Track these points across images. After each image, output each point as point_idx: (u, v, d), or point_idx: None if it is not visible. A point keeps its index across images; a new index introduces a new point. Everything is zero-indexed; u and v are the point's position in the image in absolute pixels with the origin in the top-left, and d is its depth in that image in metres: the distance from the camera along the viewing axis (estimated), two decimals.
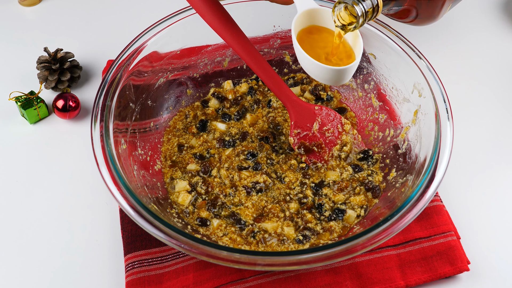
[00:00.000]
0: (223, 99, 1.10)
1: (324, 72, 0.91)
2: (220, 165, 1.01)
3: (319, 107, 1.03)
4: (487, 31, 1.28)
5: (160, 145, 1.04)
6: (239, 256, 0.80)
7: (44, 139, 1.10)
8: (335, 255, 0.80)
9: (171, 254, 0.93)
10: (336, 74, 0.91)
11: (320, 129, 1.02)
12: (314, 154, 1.02)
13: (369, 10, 0.88)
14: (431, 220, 0.96)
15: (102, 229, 0.98)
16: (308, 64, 0.92)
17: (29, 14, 1.32)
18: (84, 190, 1.03)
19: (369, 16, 0.89)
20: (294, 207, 0.96)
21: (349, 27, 0.90)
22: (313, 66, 0.92)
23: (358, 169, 1.00)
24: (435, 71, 0.98)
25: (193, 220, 0.94)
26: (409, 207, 0.84)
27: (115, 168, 0.88)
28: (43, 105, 1.10)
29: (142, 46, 1.02)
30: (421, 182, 0.87)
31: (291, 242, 0.92)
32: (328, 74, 0.91)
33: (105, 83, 0.97)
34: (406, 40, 1.02)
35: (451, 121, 0.93)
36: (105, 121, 0.93)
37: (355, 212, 0.95)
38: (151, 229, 0.82)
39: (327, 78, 0.92)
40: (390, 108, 1.05)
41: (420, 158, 0.92)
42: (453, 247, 0.93)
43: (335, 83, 0.93)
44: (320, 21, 0.96)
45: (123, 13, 1.32)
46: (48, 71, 1.14)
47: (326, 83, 0.94)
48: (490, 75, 1.20)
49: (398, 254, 0.93)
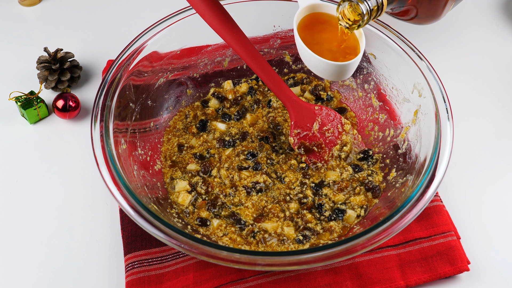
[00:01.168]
0: (223, 99, 1.10)
1: (326, 67, 0.91)
2: (220, 165, 1.01)
3: (319, 107, 1.03)
4: (487, 31, 1.28)
5: (160, 145, 1.04)
6: (239, 256, 0.80)
7: (44, 139, 1.09)
8: (335, 255, 0.80)
9: (171, 254, 0.93)
10: (338, 69, 0.91)
11: (320, 129, 1.02)
12: (314, 154, 1.02)
13: (373, 8, 0.88)
14: (431, 220, 0.96)
15: (102, 229, 0.98)
16: (309, 59, 0.92)
17: (29, 14, 1.31)
18: (84, 190, 1.03)
19: (374, 14, 0.88)
20: (294, 207, 0.96)
21: (353, 25, 0.90)
22: (315, 61, 0.91)
23: (358, 169, 1.00)
24: (435, 71, 0.98)
25: (193, 220, 0.94)
26: (409, 207, 0.84)
27: (115, 168, 0.88)
28: (43, 105, 1.10)
29: (142, 46, 1.01)
30: (421, 182, 0.87)
31: (291, 242, 0.92)
32: (330, 69, 0.91)
33: (105, 83, 0.97)
34: (406, 40, 1.01)
35: (451, 121, 0.93)
36: (105, 121, 0.93)
37: (355, 212, 0.95)
38: (151, 229, 0.82)
39: (329, 73, 0.92)
40: (390, 108, 1.04)
41: (420, 158, 0.92)
42: (453, 247, 0.93)
43: (337, 78, 0.93)
44: (322, 14, 0.95)
45: (123, 13, 1.32)
46: (48, 71, 1.13)
47: (328, 78, 0.93)
48: (490, 75, 1.20)
49: (398, 254, 0.93)
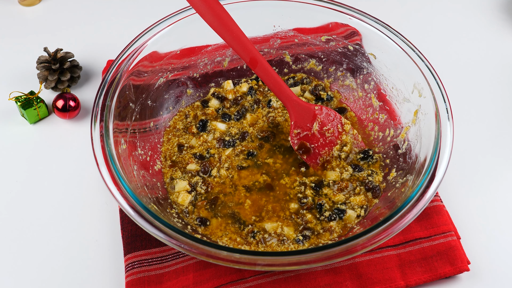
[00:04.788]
0: (223, 99, 1.10)
1: None
2: (220, 165, 1.01)
3: (319, 107, 1.03)
4: (488, 31, 1.28)
5: (160, 145, 1.04)
6: (239, 256, 0.80)
7: (44, 139, 1.10)
8: (335, 255, 0.80)
9: (171, 254, 0.93)
10: None
11: (320, 129, 1.02)
12: (314, 154, 1.01)
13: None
14: (431, 220, 0.96)
15: (102, 229, 0.98)
16: None
17: (29, 14, 1.31)
18: (84, 190, 1.03)
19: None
20: (294, 207, 0.95)
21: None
22: None
23: (358, 169, 1.00)
24: (435, 71, 0.98)
25: (192, 220, 0.94)
26: (409, 207, 0.84)
27: (115, 168, 0.88)
28: (43, 105, 1.10)
29: (142, 46, 1.01)
30: (421, 182, 0.87)
31: (291, 242, 0.92)
32: None
33: (105, 83, 0.97)
34: (406, 40, 1.01)
35: (451, 121, 0.93)
36: (105, 121, 0.92)
37: (355, 212, 0.95)
38: (151, 229, 0.82)
39: None
40: (390, 108, 1.05)
41: (420, 158, 0.92)
42: (453, 247, 0.93)
43: None
44: None
45: (123, 13, 1.32)
46: (48, 71, 1.14)
47: None
48: (490, 74, 1.20)
49: (398, 254, 0.93)
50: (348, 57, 1.09)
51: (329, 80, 1.13)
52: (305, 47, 1.12)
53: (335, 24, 1.07)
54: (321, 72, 1.13)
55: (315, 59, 1.13)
